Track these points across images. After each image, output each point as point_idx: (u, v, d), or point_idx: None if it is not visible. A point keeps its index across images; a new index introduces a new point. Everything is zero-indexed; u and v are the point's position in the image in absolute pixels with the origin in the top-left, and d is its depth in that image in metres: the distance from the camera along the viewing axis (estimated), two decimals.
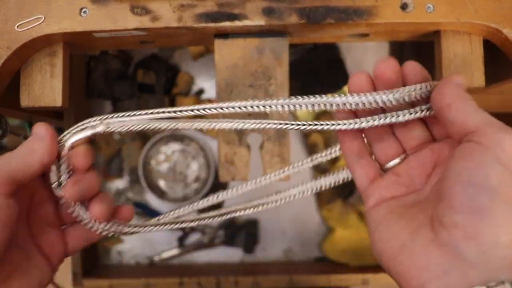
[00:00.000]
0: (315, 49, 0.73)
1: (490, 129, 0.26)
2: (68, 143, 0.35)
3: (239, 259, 0.76)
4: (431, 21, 0.40)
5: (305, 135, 0.74)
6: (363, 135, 0.34)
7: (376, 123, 0.32)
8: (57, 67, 0.42)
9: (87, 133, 0.35)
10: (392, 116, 0.32)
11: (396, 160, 0.33)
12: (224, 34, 0.43)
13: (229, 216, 0.42)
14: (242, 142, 0.44)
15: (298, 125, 0.34)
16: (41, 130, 0.33)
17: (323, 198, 0.74)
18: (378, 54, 0.75)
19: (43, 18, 0.41)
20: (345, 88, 0.73)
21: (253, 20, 0.40)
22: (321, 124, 0.33)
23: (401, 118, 0.31)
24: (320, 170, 0.73)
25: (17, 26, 0.40)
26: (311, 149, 0.73)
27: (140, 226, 0.39)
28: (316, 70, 0.73)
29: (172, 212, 0.41)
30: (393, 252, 0.28)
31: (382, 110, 0.33)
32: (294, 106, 0.34)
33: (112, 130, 0.36)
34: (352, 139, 0.34)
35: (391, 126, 0.33)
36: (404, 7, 0.40)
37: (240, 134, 0.44)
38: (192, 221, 0.42)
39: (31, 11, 0.41)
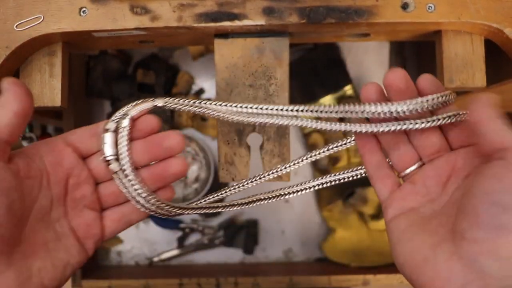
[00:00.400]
0: (315, 49, 0.73)
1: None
2: (129, 115, 0.35)
3: (239, 259, 0.76)
4: (432, 20, 0.40)
5: (305, 135, 0.74)
6: (381, 144, 0.35)
7: (393, 128, 0.33)
8: (56, 66, 0.42)
9: (147, 105, 0.35)
10: (411, 123, 0.32)
11: (413, 167, 0.34)
12: (224, 34, 0.43)
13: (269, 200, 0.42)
14: (242, 142, 0.44)
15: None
16: (5, 83, 0.30)
17: (323, 198, 0.74)
18: (378, 54, 0.75)
19: (42, 18, 0.40)
20: (346, 88, 0.73)
21: (253, 19, 0.40)
22: (345, 125, 0.35)
23: (418, 126, 0.32)
24: (321, 171, 0.73)
25: (16, 26, 0.40)
26: (311, 149, 0.73)
27: (183, 208, 0.38)
28: (316, 70, 0.73)
29: (212, 196, 0.41)
30: (416, 265, 0.29)
31: (395, 119, 0.33)
32: (318, 112, 0.35)
33: (169, 106, 0.36)
34: (372, 153, 0.35)
35: (407, 133, 0.34)
36: (405, 6, 0.40)
37: (240, 134, 0.44)
38: (231, 205, 0.41)
39: (31, 10, 0.40)
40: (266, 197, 0.42)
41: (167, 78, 0.73)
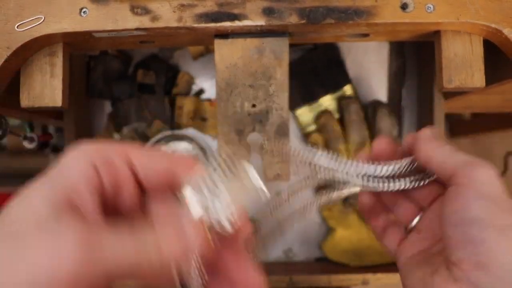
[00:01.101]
0: (315, 49, 0.73)
1: (465, 168, 0.29)
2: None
3: None
4: (431, 21, 0.40)
5: (305, 135, 0.74)
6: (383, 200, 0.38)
7: (386, 188, 0.35)
8: (57, 67, 0.42)
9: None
10: (395, 183, 0.35)
11: (416, 219, 0.36)
12: (224, 34, 0.43)
13: None
14: (242, 142, 0.44)
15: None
16: (196, 241, 0.25)
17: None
18: (378, 54, 0.75)
19: (43, 18, 0.41)
20: (345, 88, 0.73)
21: (253, 20, 0.40)
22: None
23: (403, 186, 0.35)
24: None
25: (17, 26, 0.40)
26: None
27: None
28: (316, 70, 0.73)
29: None
30: None
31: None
32: None
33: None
34: (377, 217, 0.38)
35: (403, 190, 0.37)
36: (404, 7, 0.40)
37: (240, 134, 0.44)
38: None
39: (31, 11, 0.40)
40: None
41: (167, 78, 0.73)
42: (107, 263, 0.23)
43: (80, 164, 0.25)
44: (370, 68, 0.75)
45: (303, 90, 0.72)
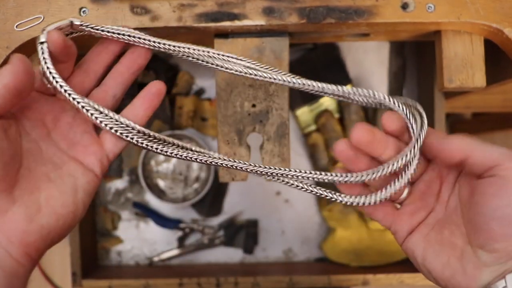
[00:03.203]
0: (315, 49, 0.73)
1: (509, 161, 0.30)
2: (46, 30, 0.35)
3: (239, 259, 0.76)
4: (432, 20, 0.40)
5: (305, 135, 0.74)
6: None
7: (375, 175, 0.35)
8: None
9: (61, 23, 0.36)
10: (389, 167, 0.35)
11: (405, 193, 0.37)
12: (224, 34, 0.43)
13: None
14: (242, 142, 0.44)
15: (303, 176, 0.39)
16: (12, 58, 0.32)
17: (323, 198, 0.74)
18: (378, 54, 0.75)
19: (42, 18, 0.40)
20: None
21: (253, 19, 0.40)
22: (327, 175, 0.38)
23: (395, 167, 0.35)
24: (321, 171, 0.73)
25: (17, 26, 0.40)
26: (311, 149, 0.73)
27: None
28: (316, 70, 0.73)
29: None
30: (449, 278, 0.33)
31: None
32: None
33: (85, 26, 0.37)
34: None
35: None
36: (404, 6, 0.40)
37: (240, 134, 0.44)
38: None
39: (31, 10, 0.40)
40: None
41: (167, 78, 0.73)
42: None
43: None
44: (370, 68, 0.75)
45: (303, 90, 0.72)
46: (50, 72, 0.35)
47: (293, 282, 0.67)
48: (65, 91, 0.35)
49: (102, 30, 0.38)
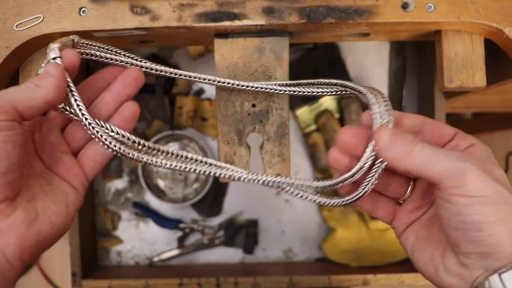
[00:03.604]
0: (315, 49, 0.73)
1: (452, 177, 0.30)
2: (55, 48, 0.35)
3: (239, 259, 0.76)
4: (432, 20, 0.40)
5: (305, 135, 0.74)
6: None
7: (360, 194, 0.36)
8: None
9: (64, 40, 0.36)
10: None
11: (408, 193, 0.37)
12: (224, 34, 0.43)
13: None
14: (242, 142, 0.44)
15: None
16: (52, 69, 0.34)
17: None
18: (378, 54, 0.75)
19: (42, 18, 0.40)
20: None
21: (253, 19, 0.40)
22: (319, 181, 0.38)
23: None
24: (321, 171, 0.73)
25: (16, 26, 0.40)
26: (311, 149, 0.73)
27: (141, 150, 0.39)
28: (316, 70, 0.73)
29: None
30: (433, 273, 0.34)
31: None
32: None
33: (85, 44, 0.38)
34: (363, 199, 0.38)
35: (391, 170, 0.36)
36: (404, 6, 0.40)
37: (240, 134, 0.44)
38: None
39: (30, 10, 0.40)
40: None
41: (167, 78, 0.73)
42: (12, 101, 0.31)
43: None
44: (370, 68, 0.75)
45: None
46: (72, 91, 0.36)
47: (293, 282, 0.67)
48: (78, 105, 0.36)
49: (107, 50, 0.38)
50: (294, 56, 0.73)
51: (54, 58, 0.35)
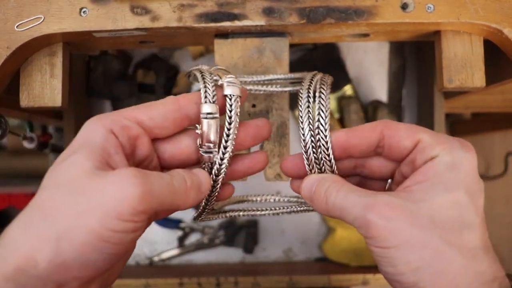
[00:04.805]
0: (315, 49, 0.73)
1: (360, 229, 0.30)
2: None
3: (239, 259, 0.76)
4: (431, 21, 0.40)
5: None
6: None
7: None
8: (57, 67, 0.42)
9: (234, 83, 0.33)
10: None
11: (389, 181, 0.35)
12: (224, 34, 0.43)
13: None
14: None
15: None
16: (206, 181, 0.32)
17: None
18: (378, 54, 0.75)
19: (42, 18, 0.40)
20: (345, 88, 0.73)
21: (253, 20, 0.40)
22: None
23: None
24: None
25: (17, 26, 0.40)
26: None
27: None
28: (316, 70, 0.73)
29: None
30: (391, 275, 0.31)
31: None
32: None
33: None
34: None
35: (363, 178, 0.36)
36: (404, 7, 0.40)
37: None
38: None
39: (31, 11, 0.40)
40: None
41: (167, 78, 0.73)
42: (156, 196, 0.28)
43: (101, 132, 0.29)
44: (370, 68, 0.75)
45: None
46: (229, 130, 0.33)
47: (293, 282, 0.67)
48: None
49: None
50: (294, 57, 0.73)
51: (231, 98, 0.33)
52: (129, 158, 0.31)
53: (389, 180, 0.35)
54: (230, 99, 0.33)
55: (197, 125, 0.33)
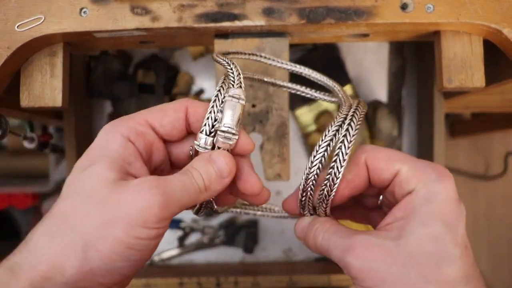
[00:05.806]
0: (315, 49, 0.73)
1: (343, 269, 0.30)
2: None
3: (239, 259, 0.76)
4: (431, 21, 0.40)
5: (305, 135, 0.74)
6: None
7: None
8: (57, 67, 0.42)
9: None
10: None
11: (380, 198, 0.35)
12: (224, 34, 0.43)
13: None
14: None
15: None
16: (225, 169, 0.31)
17: None
18: (378, 54, 0.75)
19: (43, 18, 0.41)
20: (345, 88, 0.73)
21: (253, 20, 0.40)
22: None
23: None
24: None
25: (17, 26, 0.40)
26: (311, 149, 0.73)
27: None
28: (316, 70, 0.73)
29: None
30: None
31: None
32: None
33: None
34: (353, 212, 0.40)
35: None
36: (404, 7, 0.40)
37: None
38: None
39: (31, 11, 0.41)
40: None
41: (167, 78, 0.73)
42: (177, 200, 0.28)
43: (119, 140, 0.30)
44: (370, 68, 0.75)
45: None
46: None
47: (293, 282, 0.67)
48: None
49: None
50: (294, 57, 0.73)
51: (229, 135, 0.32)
52: (147, 163, 0.31)
53: (381, 197, 0.35)
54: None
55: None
